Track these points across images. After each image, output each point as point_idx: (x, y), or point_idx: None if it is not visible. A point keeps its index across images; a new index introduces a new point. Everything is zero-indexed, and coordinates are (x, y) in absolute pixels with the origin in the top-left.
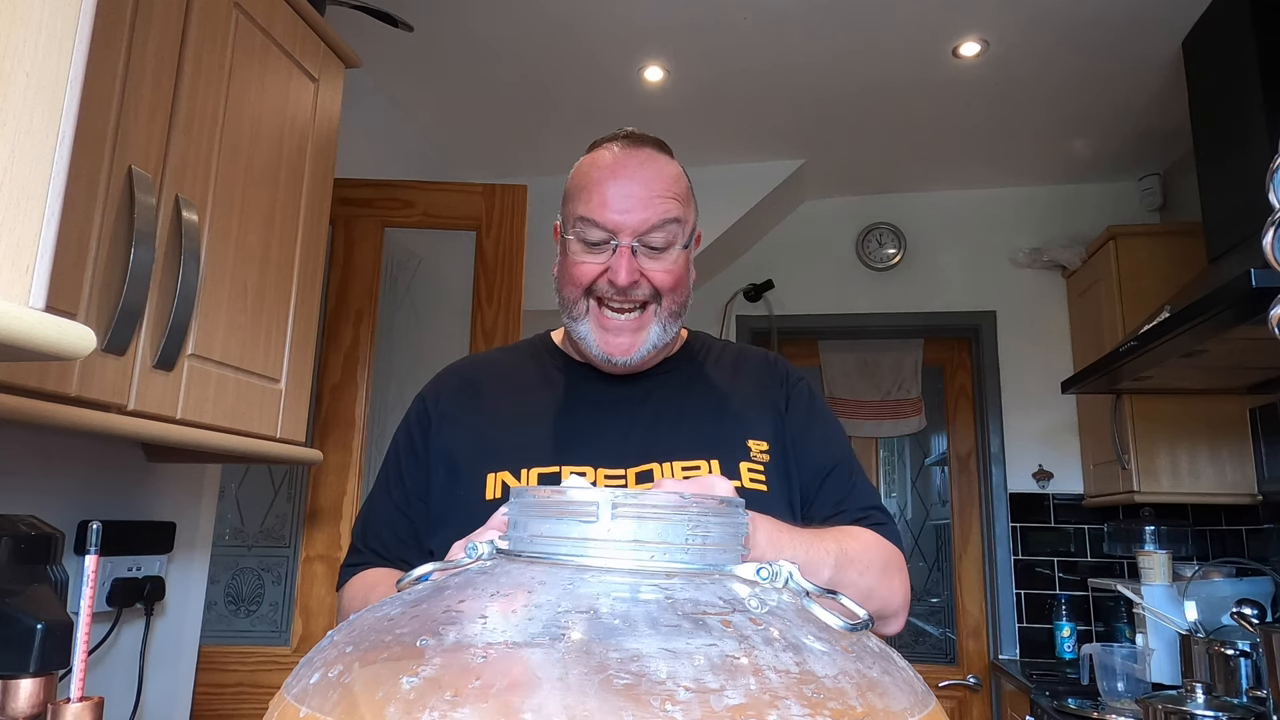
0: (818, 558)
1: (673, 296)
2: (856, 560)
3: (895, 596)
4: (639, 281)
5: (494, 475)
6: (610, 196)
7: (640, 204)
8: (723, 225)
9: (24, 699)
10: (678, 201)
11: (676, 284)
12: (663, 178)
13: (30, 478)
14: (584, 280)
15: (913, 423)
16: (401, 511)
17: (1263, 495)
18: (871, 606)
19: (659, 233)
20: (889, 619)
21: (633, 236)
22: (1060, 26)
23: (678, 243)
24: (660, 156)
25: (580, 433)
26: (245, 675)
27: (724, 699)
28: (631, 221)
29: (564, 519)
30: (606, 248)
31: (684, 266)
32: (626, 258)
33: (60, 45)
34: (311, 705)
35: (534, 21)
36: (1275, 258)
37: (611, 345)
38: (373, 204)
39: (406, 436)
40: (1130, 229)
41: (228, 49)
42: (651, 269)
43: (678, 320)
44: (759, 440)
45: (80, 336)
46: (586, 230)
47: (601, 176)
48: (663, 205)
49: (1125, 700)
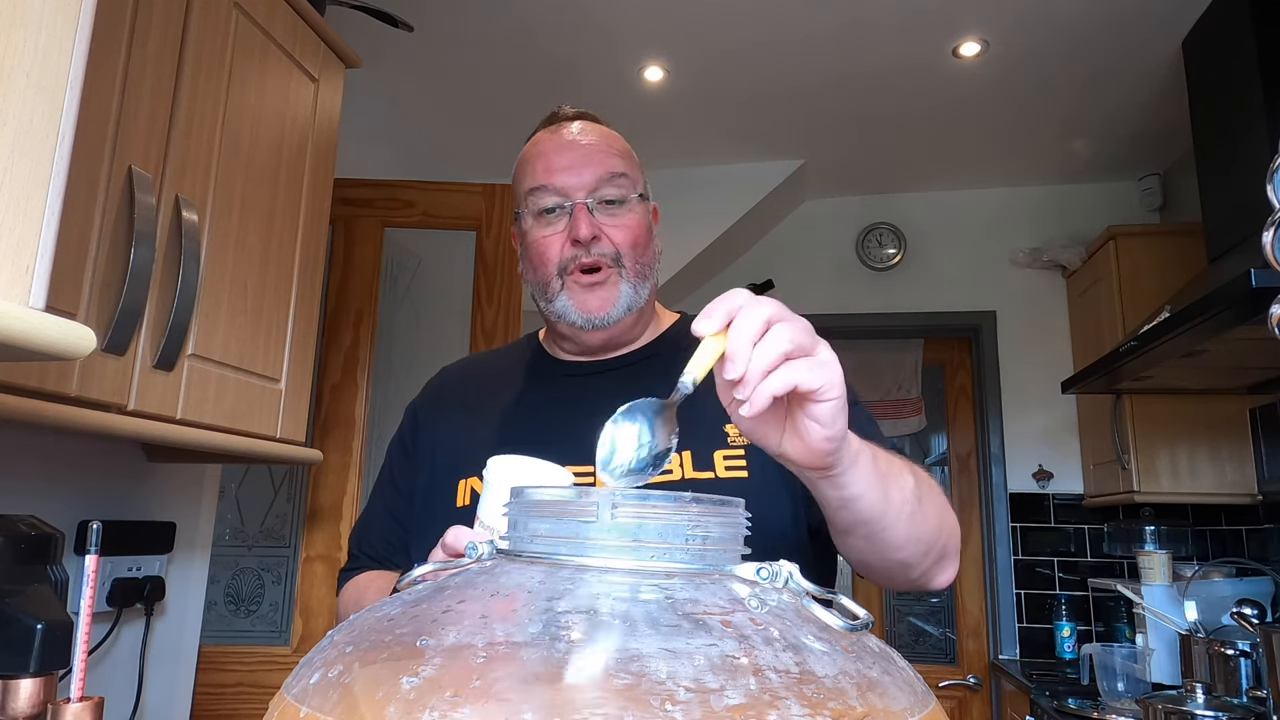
0: (899, 465)
1: (634, 255)
2: (925, 477)
3: (957, 528)
4: (599, 237)
5: (464, 482)
6: (554, 160)
7: (584, 160)
8: (723, 225)
9: (24, 699)
10: (620, 158)
11: (636, 240)
12: (604, 136)
13: (30, 478)
14: (550, 255)
15: (913, 423)
16: (394, 517)
17: (1263, 495)
18: (945, 536)
19: (610, 187)
20: (951, 558)
21: (586, 193)
22: (1060, 26)
23: (631, 196)
24: (594, 124)
25: (549, 430)
26: (245, 675)
27: (724, 699)
28: (581, 180)
29: (564, 519)
30: (563, 213)
31: (642, 222)
32: (584, 213)
33: (60, 45)
34: (311, 705)
35: (534, 21)
36: (1275, 258)
37: (588, 304)
38: (373, 204)
39: (399, 443)
40: (1130, 229)
41: (228, 49)
42: (609, 225)
43: (645, 281)
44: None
45: (80, 336)
46: (540, 198)
47: (543, 149)
48: (608, 160)
49: (1125, 700)
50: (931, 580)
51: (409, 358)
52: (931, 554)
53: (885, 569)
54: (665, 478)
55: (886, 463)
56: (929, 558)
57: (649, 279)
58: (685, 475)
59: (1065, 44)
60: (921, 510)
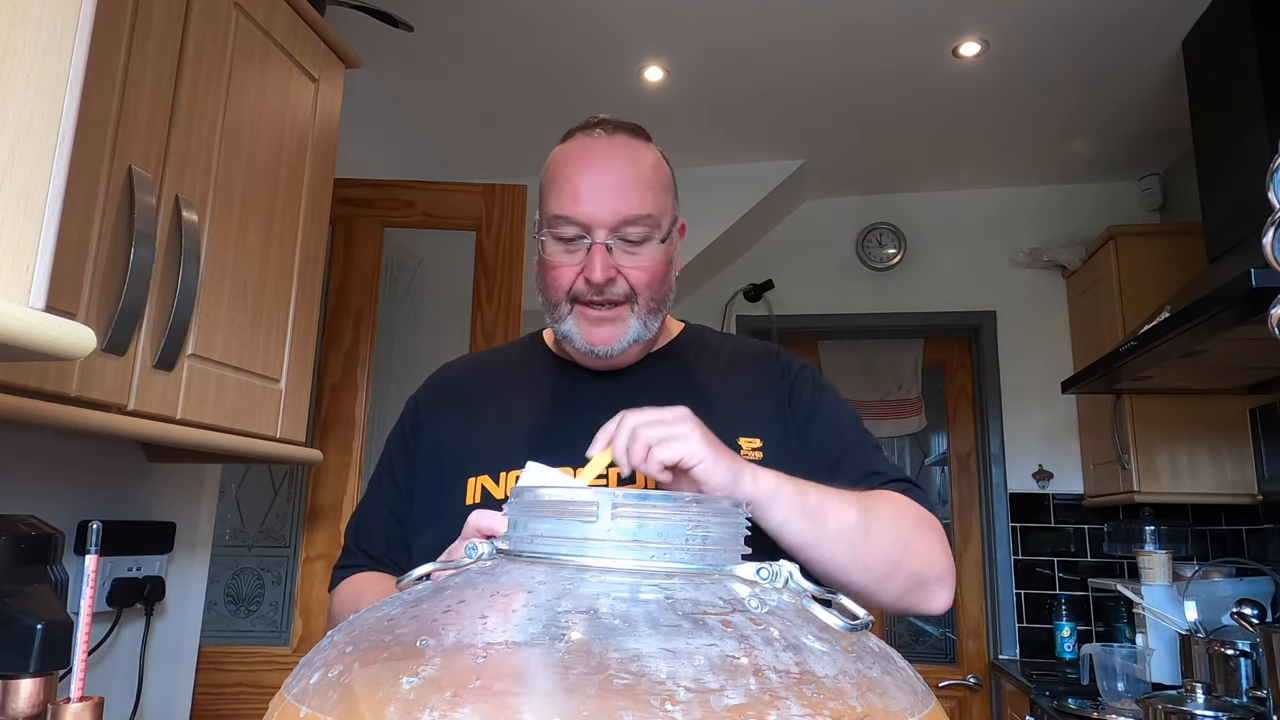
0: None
1: (649, 293)
2: (885, 512)
3: (937, 556)
4: (615, 279)
5: (474, 480)
6: (581, 189)
7: (613, 195)
8: (723, 225)
9: (24, 699)
10: (654, 192)
11: (652, 280)
12: (638, 165)
13: (30, 478)
14: (564, 284)
15: (913, 423)
16: (393, 513)
17: (1263, 495)
18: (911, 564)
19: (634, 227)
20: (931, 585)
21: (607, 232)
22: (1060, 26)
23: (654, 237)
24: (635, 142)
25: (562, 433)
26: (245, 675)
27: (724, 699)
28: (604, 215)
29: (564, 519)
30: (581, 245)
31: (662, 262)
32: (601, 255)
33: (60, 45)
34: (311, 705)
35: (534, 21)
36: (1275, 258)
37: (594, 336)
38: (373, 204)
39: (399, 438)
40: (1130, 229)
41: (228, 49)
42: (628, 266)
43: (658, 315)
44: (751, 438)
45: (80, 336)
46: (560, 227)
47: (573, 169)
48: (637, 197)
49: (1125, 700)
50: (919, 605)
51: (409, 358)
52: (895, 581)
53: (851, 592)
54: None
55: (822, 496)
56: (892, 584)
57: (661, 313)
58: None
59: (1065, 44)
60: (869, 540)
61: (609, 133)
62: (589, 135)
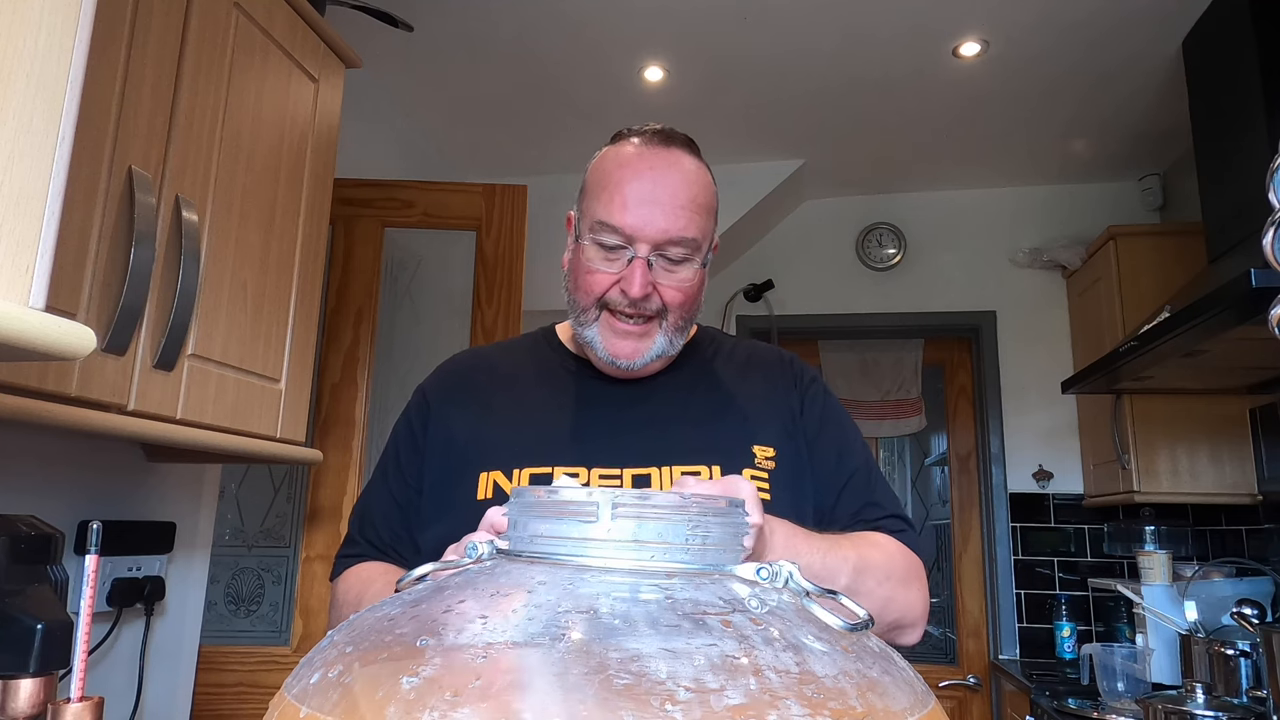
0: (834, 564)
1: (680, 312)
2: (875, 568)
3: (915, 607)
4: (650, 295)
5: (486, 475)
6: (631, 201)
7: (663, 213)
8: (723, 225)
9: (24, 699)
10: (701, 215)
11: (686, 300)
12: (690, 185)
13: (30, 478)
14: (597, 291)
15: (913, 423)
16: (398, 503)
17: (1263, 495)
18: (889, 616)
19: (677, 247)
20: (906, 629)
21: (650, 248)
22: (1060, 26)
23: (695, 259)
24: (688, 159)
25: (577, 432)
26: (245, 675)
27: (724, 699)
28: (651, 232)
29: (564, 519)
30: (621, 255)
31: (697, 284)
32: (641, 269)
33: (60, 45)
34: (311, 705)
35: (534, 21)
36: (1275, 258)
37: (618, 348)
38: (373, 204)
39: (406, 428)
40: (1130, 229)
41: (228, 49)
42: (665, 284)
43: (683, 334)
44: (765, 446)
45: (80, 337)
46: (603, 234)
47: (624, 177)
48: (686, 219)
49: (1125, 700)
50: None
51: (409, 358)
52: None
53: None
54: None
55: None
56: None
57: (686, 330)
58: None
59: (1065, 44)
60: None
61: (664, 144)
62: (646, 143)
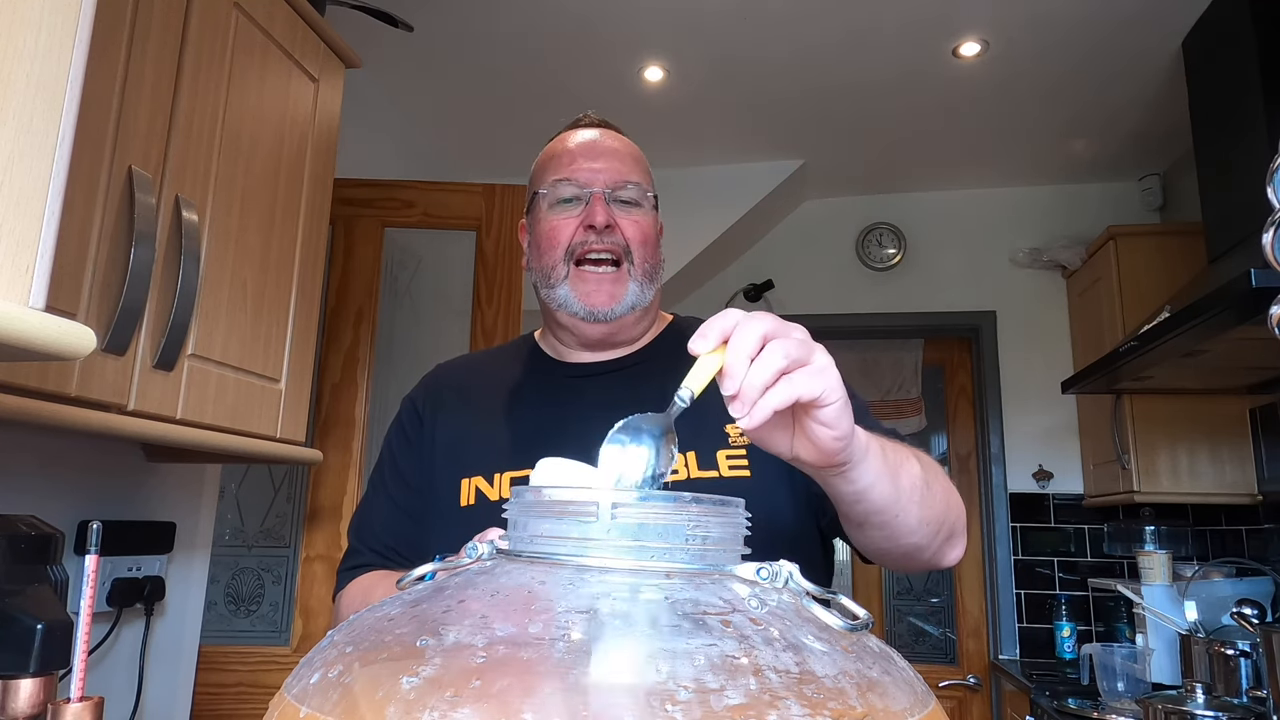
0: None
1: (643, 253)
2: (932, 465)
3: (961, 507)
4: (613, 227)
5: (468, 481)
6: (580, 157)
7: (607, 164)
8: (723, 225)
9: (24, 699)
10: (640, 168)
11: (645, 239)
12: (626, 144)
13: (30, 478)
14: (563, 238)
15: (913, 423)
16: (401, 509)
17: (1263, 495)
18: (951, 513)
19: (628, 189)
20: (958, 536)
21: (604, 188)
22: (1060, 26)
23: (645, 204)
24: (616, 133)
25: (548, 430)
26: (245, 675)
27: (724, 699)
28: (603, 177)
29: (564, 519)
30: (579, 203)
31: (652, 227)
32: (601, 202)
33: (60, 45)
34: (311, 705)
35: (534, 21)
36: (1275, 258)
37: (593, 298)
38: (373, 204)
39: (400, 435)
40: (1130, 229)
41: (228, 49)
42: (623, 220)
43: (651, 284)
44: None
45: (80, 336)
46: (560, 189)
47: (567, 144)
48: (629, 164)
49: (1125, 700)
50: (942, 559)
51: (409, 358)
52: (941, 534)
53: (901, 554)
54: (671, 478)
55: (894, 451)
56: (939, 538)
57: (655, 281)
58: (691, 475)
59: (1065, 44)
60: (930, 493)
61: (598, 125)
62: (578, 125)
